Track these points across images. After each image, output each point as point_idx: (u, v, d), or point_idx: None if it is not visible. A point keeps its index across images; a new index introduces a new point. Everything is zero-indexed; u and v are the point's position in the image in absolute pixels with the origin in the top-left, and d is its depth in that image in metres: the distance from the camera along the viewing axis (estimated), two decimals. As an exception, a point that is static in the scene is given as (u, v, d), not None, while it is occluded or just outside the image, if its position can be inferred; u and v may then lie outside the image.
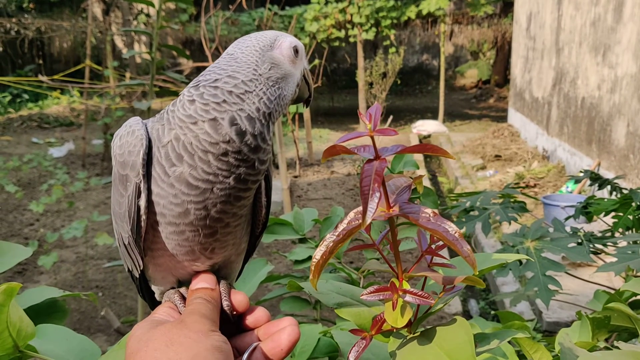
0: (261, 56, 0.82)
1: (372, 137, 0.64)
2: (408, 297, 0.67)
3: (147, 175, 0.80)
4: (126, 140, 0.81)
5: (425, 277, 0.73)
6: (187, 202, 0.78)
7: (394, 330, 0.73)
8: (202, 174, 0.76)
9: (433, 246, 0.71)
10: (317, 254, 0.68)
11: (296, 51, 0.86)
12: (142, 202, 0.79)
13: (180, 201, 0.78)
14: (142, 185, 0.79)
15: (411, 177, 0.75)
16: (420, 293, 0.67)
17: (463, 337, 0.65)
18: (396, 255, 0.70)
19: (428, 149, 0.65)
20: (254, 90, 0.79)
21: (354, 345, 0.70)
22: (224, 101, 0.77)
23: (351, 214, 0.68)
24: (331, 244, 0.67)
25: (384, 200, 0.67)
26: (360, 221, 0.66)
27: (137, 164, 0.79)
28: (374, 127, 0.63)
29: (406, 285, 0.68)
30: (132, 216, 0.80)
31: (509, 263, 1.91)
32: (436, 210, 0.66)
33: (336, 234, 0.67)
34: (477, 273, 0.65)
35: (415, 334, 0.72)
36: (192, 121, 0.77)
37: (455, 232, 0.63)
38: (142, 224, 0.80)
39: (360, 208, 0.65)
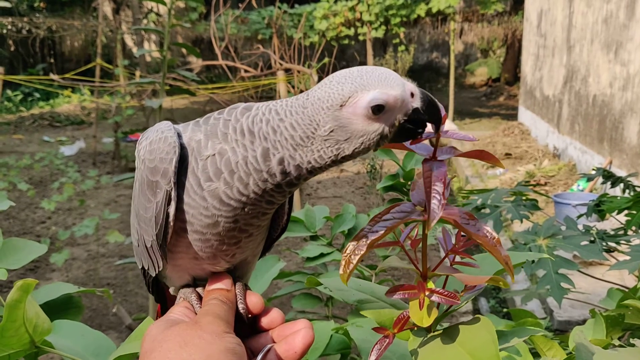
0: (325, 116, 0.75)
1: (437, 138, 0.65)
2: (434, 297, 0.67)
3: (177, 183, 0.79)
4: (158, 146, 0.80)
5: (447, 276, 0.72)
6: (217, 216, 0.78)
7: (414, 329, 0.73)
8: (236, 194, 0.77)
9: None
10: (349, 248, 0.68)
11: (378, 109, 0.74)
12: (172, 210, 0.79)
13: (211, 214, 0.78)
14: (173, 193, 0.78)
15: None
16: (446, 293, 0.67)
17: (486, 336, 0.65)
18: (424, 255, 0.70)
19: (484, 155, 0.66)
20: (309, 146, 0.76)
21: (376, 343, 0.70)
22: (279, 142, 0.76)
23: (387, 211, 0.69)
24: (375, 237, 0.67)
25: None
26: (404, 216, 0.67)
27: (169, 171, 0.78)
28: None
29: (431, 285, 0.68)
30: (159, 222, 0.80)
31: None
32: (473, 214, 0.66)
33: (374, 229, 0.67)
34: (513, 273, 0.65)
35: (437, 332, 0.71)
36: (251, 139, 0.77)
37: (494, 239, 0.63)
38: (170, 230, 0.80)
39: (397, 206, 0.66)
